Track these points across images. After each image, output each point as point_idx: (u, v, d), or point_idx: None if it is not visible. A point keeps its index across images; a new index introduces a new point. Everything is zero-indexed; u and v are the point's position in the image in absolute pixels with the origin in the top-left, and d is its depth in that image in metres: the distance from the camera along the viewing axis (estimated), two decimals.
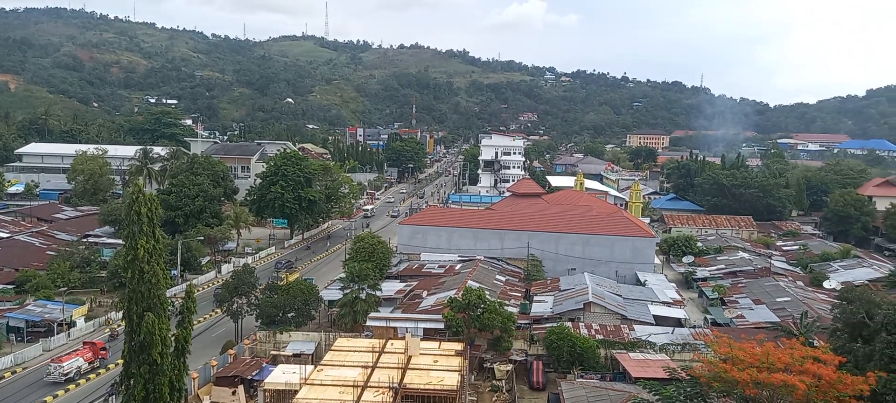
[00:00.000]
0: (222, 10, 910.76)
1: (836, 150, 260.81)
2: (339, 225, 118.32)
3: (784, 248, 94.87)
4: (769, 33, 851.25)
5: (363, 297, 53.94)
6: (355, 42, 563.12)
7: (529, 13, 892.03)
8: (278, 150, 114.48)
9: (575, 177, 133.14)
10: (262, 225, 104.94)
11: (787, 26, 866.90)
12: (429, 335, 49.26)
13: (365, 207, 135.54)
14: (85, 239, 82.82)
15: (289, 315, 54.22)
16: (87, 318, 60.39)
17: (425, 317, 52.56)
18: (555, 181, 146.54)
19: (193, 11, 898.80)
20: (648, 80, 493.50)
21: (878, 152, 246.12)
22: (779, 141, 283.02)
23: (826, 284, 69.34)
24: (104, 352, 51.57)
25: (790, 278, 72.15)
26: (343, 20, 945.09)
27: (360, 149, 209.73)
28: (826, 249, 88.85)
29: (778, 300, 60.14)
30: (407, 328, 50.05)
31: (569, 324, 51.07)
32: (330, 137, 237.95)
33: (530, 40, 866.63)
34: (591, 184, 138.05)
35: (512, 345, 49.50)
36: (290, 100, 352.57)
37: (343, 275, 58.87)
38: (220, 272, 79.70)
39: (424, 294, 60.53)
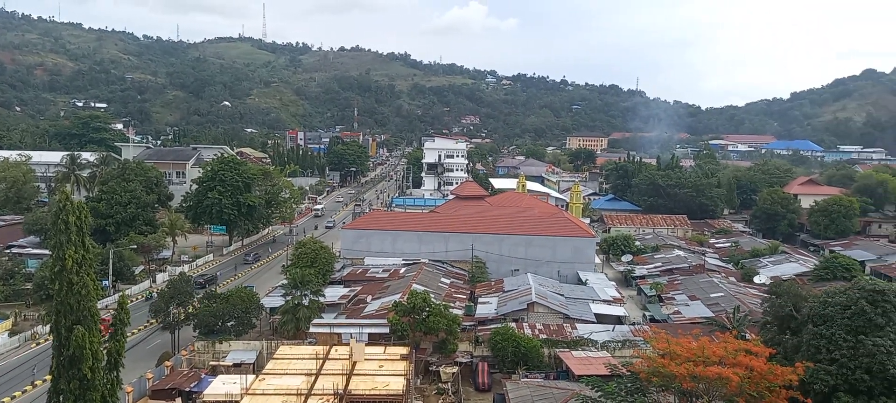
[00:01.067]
0: (154, 11, 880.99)
1: (763, 151, 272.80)
2: (280, 230, 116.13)
3: (717, 246, 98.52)
4: (699, 38, 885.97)
5: (306, 303, 52.98)
6: (294, 44, 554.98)
7: (469, 17, 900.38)
8: (215, 155, 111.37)
9: (517, 179, 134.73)
10: (199, 232, 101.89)
11: (715, 30, 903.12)
12: (374, 340, 48.90)
13: (315, 206, 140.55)
14: (8, 250, 78.46)
15: (228, 323, 52.74)
16: (12, 333, 57.17)
17: (370, 322, 52.15)
18: (497, 183, 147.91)
19: (123, 12, 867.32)
20: (586, 84, 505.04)
21: (802, 152, 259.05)
22: (710, 142, 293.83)
23: (756, 279, 72.38)
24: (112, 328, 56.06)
25: (723, 274, 74.98)
26: (281, 22, 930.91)
27: (300, 152, 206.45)
28: (755, 246, 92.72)
29: (712, 295, 62.36)
30: (351, 333, 49.54)
31: (513, 325, 51.58)
32: (269, 141, 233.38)
33: (471, 44, 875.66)
34: (532, 185, 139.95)
35: (457, 348, 49.61)
36: (227, 103, 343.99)
37: (285, 282, 57.73)
38: (154, 281, 76.89)
39: (369, 298, 60.02)
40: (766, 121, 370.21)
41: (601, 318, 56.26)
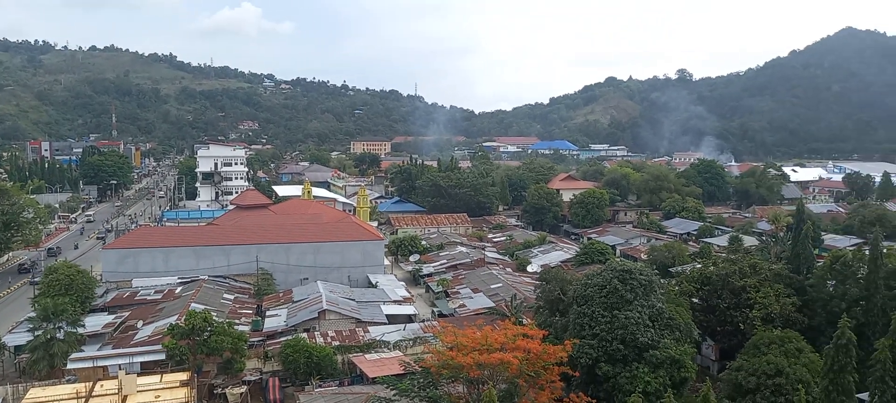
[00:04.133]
0: None
1: (529, 151, 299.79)
2: (23, 255, 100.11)
3: (494, 240, 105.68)
4: (470, 46, 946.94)
5: (61, 337, 46.39)
6: (32, 42, 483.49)
7: (243, 18, 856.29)
8: None
9: (302, 186, 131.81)
10: None
11: (481, 40, 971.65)
12: (148, 369, 44.59)
13: (86, 213, 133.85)
14: None
15: None
16: None
17: (142, 350, 47.40)
18: (281, 191, 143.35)
19: None
20: (367, 89, 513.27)
21: (561, 151, 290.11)
22: (484, 144, 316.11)
23: (529, 268, 79.05)
24: None
25: (501, 266, 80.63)
26: (14, 17, 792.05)
27: (46, 165, 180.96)
28: (527, 238, 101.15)
29: (492, 286, 66.64)
30: (120, 365, 44.47)
31: (304, 335, 50.32)
32: (4, 154, 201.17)
33: (246, 46, 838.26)
34: (318, 191, 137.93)
35: (245, 366, 47.00)
36: None
37: (33, 314, 49.85)
38: None
39: (140, 324, 54.47)
40: (531, 124, 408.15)
41: (393, 319, 57.14)
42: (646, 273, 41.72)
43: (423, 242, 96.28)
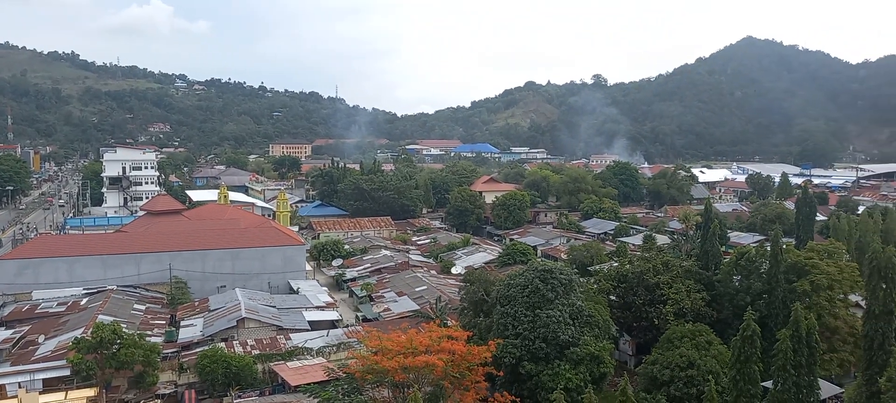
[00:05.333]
0: None
1: (452, 154, 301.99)
2: None
3: (419, 243, 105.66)
4: (390, 48, 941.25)
5: None
6: None
7: (153, 16, 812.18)
8: None
9: (218, 190, 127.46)
10: None
11: (403, 41, 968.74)
12: (51, 386, 42.06)
13: None
14: None
15: None
16: None
17: (44, 366, 44.65)
18: (196, 195, 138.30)
19: None
20: (286, 91, 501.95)
21: (483, 154, 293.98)
22: (407, 147, 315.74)
23: (454, 270, 79.56)
24: None
25: (425, 269, 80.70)
26: None
27: None
28: (451, 240, 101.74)
29: (417, 289, 66.58)
30: (19, 382, 41.72)
31: (222, 345, 48.69)
32: None
33: (156, 45, 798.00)
34: (236, 196, 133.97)
35: (158, 379, 44.95)
36: None
37: None
38: None
39: (41, 339, 51.25)
40: (453, 127, 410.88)
41: (315, 325, 56.13)
42: (566, 272, 42.78)
43: (346, 246, 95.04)
